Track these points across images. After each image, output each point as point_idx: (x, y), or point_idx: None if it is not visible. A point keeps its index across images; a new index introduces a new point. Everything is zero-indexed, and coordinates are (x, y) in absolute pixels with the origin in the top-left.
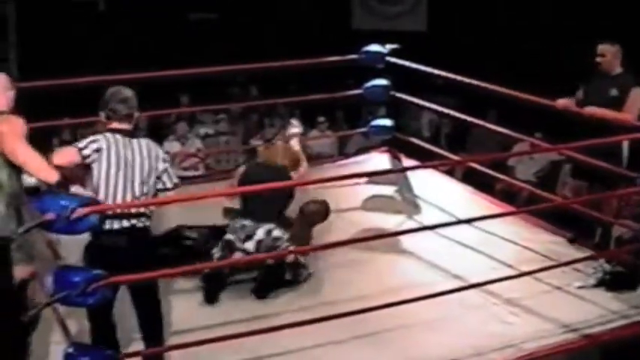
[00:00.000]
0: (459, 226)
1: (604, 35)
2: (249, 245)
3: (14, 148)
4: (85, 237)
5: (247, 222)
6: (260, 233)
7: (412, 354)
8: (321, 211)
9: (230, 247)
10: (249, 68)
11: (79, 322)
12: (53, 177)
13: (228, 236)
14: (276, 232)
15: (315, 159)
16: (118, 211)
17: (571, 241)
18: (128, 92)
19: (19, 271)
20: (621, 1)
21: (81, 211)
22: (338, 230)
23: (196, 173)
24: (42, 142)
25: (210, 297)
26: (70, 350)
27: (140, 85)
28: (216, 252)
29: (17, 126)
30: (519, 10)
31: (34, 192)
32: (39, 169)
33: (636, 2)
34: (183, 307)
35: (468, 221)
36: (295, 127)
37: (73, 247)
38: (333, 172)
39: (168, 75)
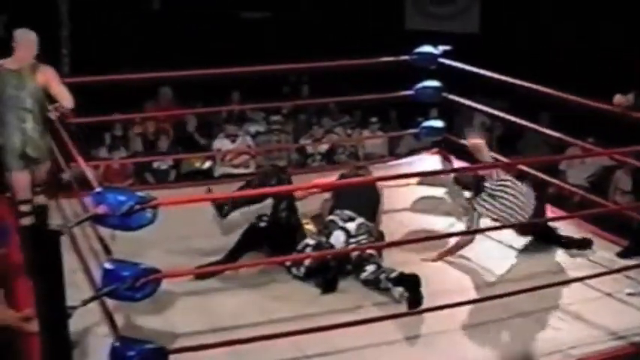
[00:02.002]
0: (508, 230)
1: None
2: (351, 225)
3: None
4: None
5: (348, 212)
6: (360, 219)
7: (458, 357)
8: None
9: (331, 227)
10: (300, 68)
11: (126, 317)
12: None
13: (331, 217)
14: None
15: (366, 159)
16: None
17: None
18: None
19: None
20: None
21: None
22: (387, 231)
23: (246, 171)
24: (94, 136)
25: (331, 284)
26: (117, 344)
27: (192, 83)
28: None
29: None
30: (573, 12)
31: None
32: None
33: None
34: (233, 303)
35: (520, 225)
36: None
37: (123, 242)
38: (383, 173)
39: (219, 73)
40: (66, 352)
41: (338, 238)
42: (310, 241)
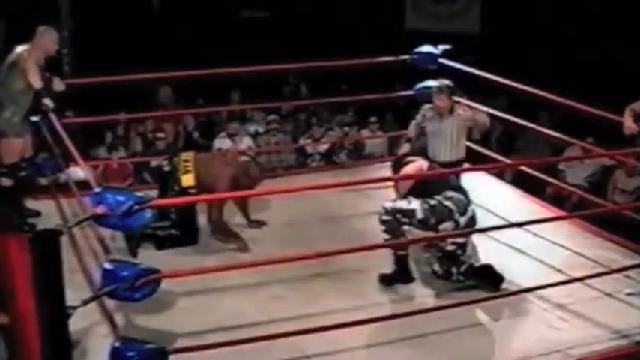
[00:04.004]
0: (508, 230)
1: None
2: (463, 220)
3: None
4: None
5: (462, 197)
6: (470, 211)
7: (459, 357)
8: None
9: (448, 216)
10: (300, 67)
11: (126, 316)
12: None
13: (450, 205)
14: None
15: (366, 158)
16: None
17: None
18: None
19: None
20: None
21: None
22: None
23: None
24: (96, 136)
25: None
26: (117, 344)
27: (192, 83)
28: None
29: None
30: (574, 13)
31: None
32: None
33: None
34: (233, 303)
35: (519, 225)
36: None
37: (123, 242)
38: (383, 172)
39: (219, 73)
40: (66, 353)
41: (445, 230)
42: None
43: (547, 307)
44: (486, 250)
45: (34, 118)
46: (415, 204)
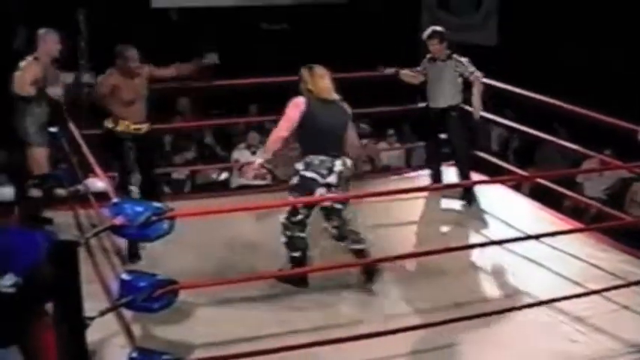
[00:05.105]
0: (526, 242)
1: None
2: (332, 179)
3: None
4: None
5: (323, 157)
6: (338, 164)
7: None
8: None
9: (312, 186)
10: None
11: (143, 327)
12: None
13: (308, 174)
14: (349, 161)
15: (383, 170)
16: None
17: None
18: None
19: None
20: None
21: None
22: (404, 242)
23: (263, 182)
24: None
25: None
26: (134, 355)
27: (211, 94)
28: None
29: None
30: (593, 25)
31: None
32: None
33: None
34: (251, 314)
35: (536, 237)
36: None
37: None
38: (400, 184)
39: (237, 84)
40: None
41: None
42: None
43: (565, 319)
44: (504, 262)
45: (52, 129)
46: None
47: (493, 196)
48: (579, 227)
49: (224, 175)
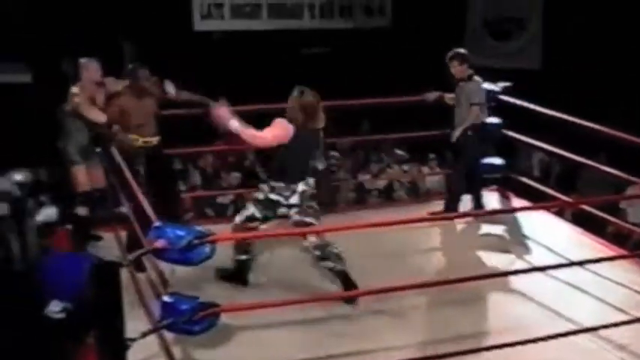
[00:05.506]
0: (567, 268)
1: None
2: (295, 199)
3: None
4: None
5: (288, 183)
6: (300, 185)
7: None
8: None
9: (275, 206)
10: (359, 104)
11: (184, 349)
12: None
13: (273, 196)
14: (311, 180)
15: (425, 195)
16: None
17: None
18: None
19: None
20: None
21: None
22: (445, 268)
23: None
24: None
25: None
26: None
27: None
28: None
29: None
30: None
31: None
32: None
33: None
34: (290, 338)
35: (580, 263)
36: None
37: (182, 276)
38: (441, 209)
39: (277, 108)
40: None
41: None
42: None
43: (608, 347)
44: (546, 288)
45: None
46: (251, 208)
47: (535, 222)
48: (622, 254)
49: None
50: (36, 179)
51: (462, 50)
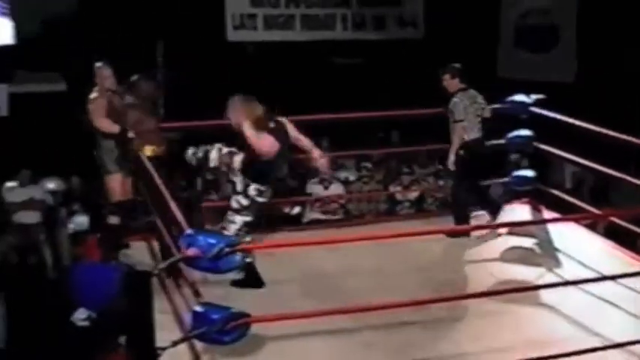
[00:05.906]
0: (599, 283)
1: None
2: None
3: None
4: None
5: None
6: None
7: None
8: None
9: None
10: (391, 115)
11: (213, 359)
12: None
13: (260, 199)
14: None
15: None
16: None
17: None
18: None
19: None
20: None
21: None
22: (476, 280)
23: (335, 217)
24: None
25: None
26: None
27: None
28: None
29: None
30: None
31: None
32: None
33: None
34: (322, 349)
35: (611, 278)
36: None
37: (212, 285)
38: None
39: (309, 119)
40: None
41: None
42: None
43: None
44: (577, 302)
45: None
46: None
47: (567, 235)
48: None
49: (297, 209)
50: (68, 188)
51: (456, 65)
